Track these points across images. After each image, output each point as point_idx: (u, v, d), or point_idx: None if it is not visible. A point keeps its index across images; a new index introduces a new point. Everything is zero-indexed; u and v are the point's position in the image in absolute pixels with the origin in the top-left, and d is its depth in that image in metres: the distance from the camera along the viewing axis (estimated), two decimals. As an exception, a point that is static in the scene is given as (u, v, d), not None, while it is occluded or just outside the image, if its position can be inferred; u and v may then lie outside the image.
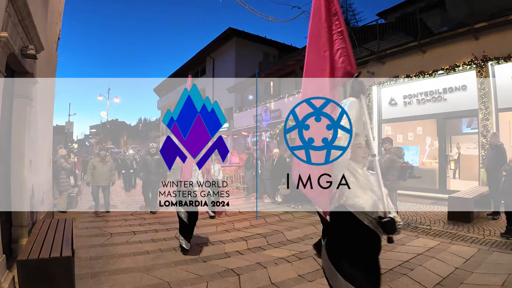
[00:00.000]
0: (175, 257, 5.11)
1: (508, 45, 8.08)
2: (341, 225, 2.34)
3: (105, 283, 4.05)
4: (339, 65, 2.47)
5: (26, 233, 4.78)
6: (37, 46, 4.80)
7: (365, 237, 2.31)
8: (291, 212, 8.65)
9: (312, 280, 4.19)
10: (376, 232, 2.31)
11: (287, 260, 4.96)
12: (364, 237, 2.30)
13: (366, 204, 2.29)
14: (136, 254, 5.19)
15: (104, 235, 6.26)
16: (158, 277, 4.23)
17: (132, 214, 8.41)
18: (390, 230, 2.28)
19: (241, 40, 24.15)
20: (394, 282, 4.04)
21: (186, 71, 34.71)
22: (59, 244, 3.82)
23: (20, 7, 3.97)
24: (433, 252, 5.14)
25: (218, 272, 4.43)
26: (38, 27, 4.76)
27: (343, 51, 2.49)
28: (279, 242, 5.99)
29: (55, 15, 7.76)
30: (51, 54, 7.44)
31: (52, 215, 7.65)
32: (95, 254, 5.14)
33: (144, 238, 6.13)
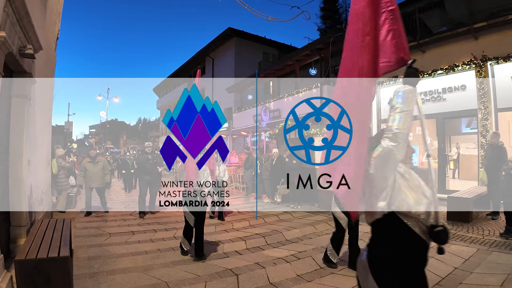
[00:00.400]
0: (174, 257, 5.10)
1: (507, 45, 8.08)
2: (388, 235, 2.00)
3: (103, 283, 4.04)
4: (392, 50, 2.12)
5: (25, 233, 4.78)
6: (35, 46, 4.79)
7: (415, 249, 1.97)
8: (290, 212, 8.64)
9: (311, 280, 4.19)
10: (427, 242, 1.98)
11: (285, 260, 4.96)
12: (414, 248, 1.97)
13: (417, 210, 1.95)
14: (134, 254, 5.18)
15: (103, 235, 6.25)
16: (156, 277, 4.22)
17: (131, 214, 8.40)
18: (443, 240, 1.96)
19: (240, 40, 24.14)
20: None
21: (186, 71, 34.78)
22: (57, 244, 3.82)
23: (18, 6, 3.96)
24: (432, 252, 5.10)
25: (217, 272, 4.42)
26: (37, 26, 4.75)
27: (395, 33, 2.11)
28: (278, 242, 5.98)
29: (54, 15, 7.75)
30: (49, 53, 7.43)
31: (51, 215, 7.64)
32: (94, 254, 5.13)
33: (143, 238, 6.12)
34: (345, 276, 4.30)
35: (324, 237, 6.20)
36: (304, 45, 17.59)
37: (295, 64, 17.67)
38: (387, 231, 2.00)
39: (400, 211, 1.93)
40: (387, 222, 1.97)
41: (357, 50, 2.10)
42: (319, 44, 15.27)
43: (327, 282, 4.11)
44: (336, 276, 4.33)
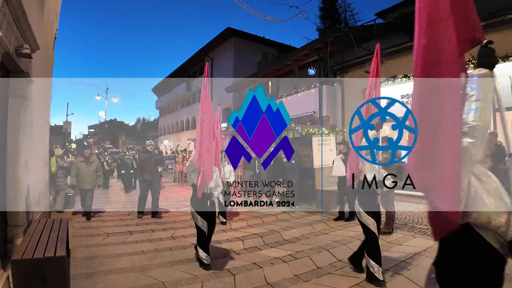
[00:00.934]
0: (171, 257, 5.09)
1: (506, 45, 8.08)
2: (460, 250, 1.71)
3: (100, 283, 4.03)
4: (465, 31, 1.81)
5: (22, 233, 4.77)
6: (32, 46, 4.78)
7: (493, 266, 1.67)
8: (288, 212, 8.64)
9: (308, 280, 4.19)
10: (505, 258, 1.67)
11: (283, 260, 4.95)
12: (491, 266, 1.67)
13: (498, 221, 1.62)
14: (132, 254, 5.18)
15: (100, 235, 6.25)
16: (153, 277, 4.22)
17: (129, 214, 8.38)
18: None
19: (239, 40, 24.16)
20: (391, 282, 4.03)
21: (185, 71, 34.79)
22: (53, 244, 3.81)
23: (15, 6, 3.95)
24: (430, 252, 5.13)
25: (214, 272, 4.42)
26: (34, 26, 4.73)
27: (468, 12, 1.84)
28: (275, 242, 5.98)
29: (52, 15, 7.74)
30: (47, 53, 7.41)
31: (48, 215, 7.63)
32: (91, 254, 5.13)
33: (141, 238, 6.12)
34: (342, 276, 4.29)
35: (321, 237, 6.20)
36: (303, 45, 17.60)
37: (294, 64, 17.67)
38: (459, 245, 1.71)
39: (477, 222, 1.64)
40: (460, 235, 1.68)
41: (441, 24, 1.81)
42: (318, 44, 15.28)
43: (324, 282, 4.11)
44: (334, 276, 4.33)
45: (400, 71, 10.66)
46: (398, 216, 7.50)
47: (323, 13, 31.69)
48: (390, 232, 6.27)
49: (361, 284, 4.02)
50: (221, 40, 25.67)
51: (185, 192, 13.23)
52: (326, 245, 5.69)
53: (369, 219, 4.05)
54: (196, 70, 32.78)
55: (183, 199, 11.27)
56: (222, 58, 26.37)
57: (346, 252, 5.25)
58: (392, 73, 10.89)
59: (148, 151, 8.45)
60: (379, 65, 4.40)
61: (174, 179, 18.08)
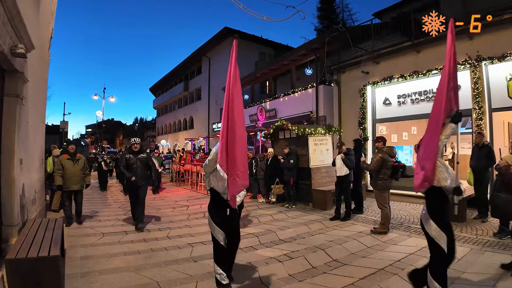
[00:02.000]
0: (166, 256, 5.08)
1: (502, 45, 8.11)
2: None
3: (95, 282, 4.02)
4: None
5: (16, 233, 4.75)
6: (27, 45, 4.76)
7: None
8: (284, 212, 8.65)
9: (302, 280, 4.19)
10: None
11: (278, 260, 4.95)
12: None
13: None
14: (127, 254, 5.17)
15: (96, 235, 6.24)
16: (148, 277, 4.21)
17: (125, 214, 8.37)
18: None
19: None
20: (385, 282, 4.04)
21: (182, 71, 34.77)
22: (47, 244, 3.82)
23: (9, 6, 3.93)
24: (425, 251, 5.08)
25: (209, 272, 4.40)
26: (29, 26, 4.72)
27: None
28: (271, 241, 5.98)
29: (48, 14, 7.72)
30: (43, 52, 7.40)
31: (44, 214, 7.61)
32: (86, 253, 5.12)
33: (136, 238, 6.11)
34: (336, 276, 4.30)
35: (317, 237, 6.21)
36: (300, 45, 17.61)
37: (291, 64, 17.69)
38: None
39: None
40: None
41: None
42: (315, 44, 15.30)
43: (318, 282, 4.11)
44: (328, 275, 4.33)
45: (396, 71, 10.68)
46: (394, 215, 7.52)
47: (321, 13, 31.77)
48: (386, 232, 6.28)
49: (356, 283, 4.02)
50: (218, 39, 25.71)
51: (182, 191, 13.23)
52: (321, 244, 5.70)
53: (441, 232, 3.20)
54: (194, 70, 32.77)
55: (179, 198, 11.27)
56: (220, 57, 26.39)
57: (341, 252, 5.27)
58: (388, 73, 10.92)
59: (133, 151, 7.11)
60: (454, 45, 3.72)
61: (171, 178, 18.07)
